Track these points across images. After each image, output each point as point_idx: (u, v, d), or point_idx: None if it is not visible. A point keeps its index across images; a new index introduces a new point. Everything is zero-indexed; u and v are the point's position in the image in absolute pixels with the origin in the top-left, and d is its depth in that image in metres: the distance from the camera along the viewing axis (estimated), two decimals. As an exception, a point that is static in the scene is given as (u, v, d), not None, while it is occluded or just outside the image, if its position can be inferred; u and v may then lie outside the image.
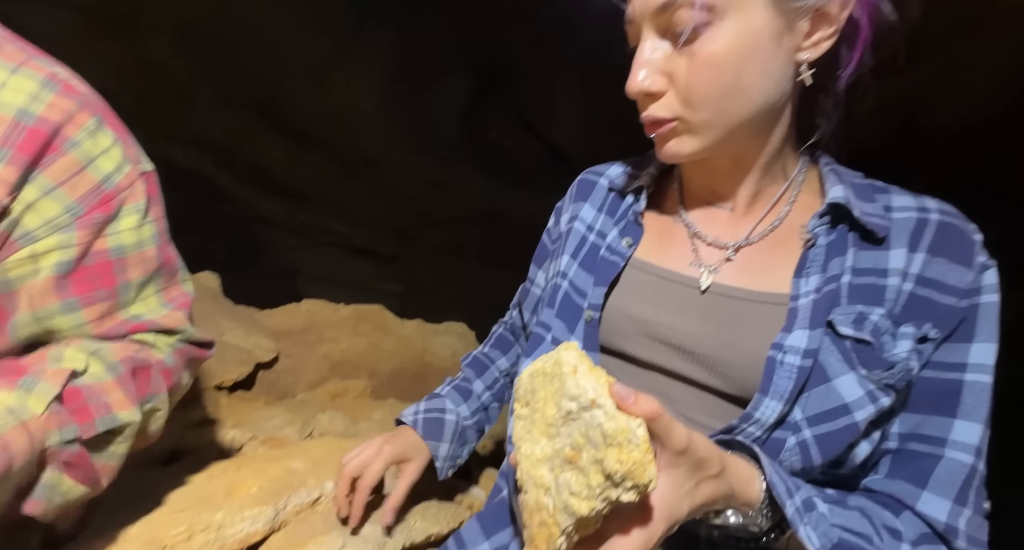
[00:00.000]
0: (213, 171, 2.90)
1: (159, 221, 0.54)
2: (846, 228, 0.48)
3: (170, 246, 0.57)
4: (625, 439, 0.31)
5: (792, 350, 0.44)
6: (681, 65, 0.45)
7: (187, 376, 0.60)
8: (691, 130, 0.47)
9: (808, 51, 0.45)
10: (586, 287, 0.56)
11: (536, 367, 0.38)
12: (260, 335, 1.26)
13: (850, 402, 0.43)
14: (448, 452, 0.70)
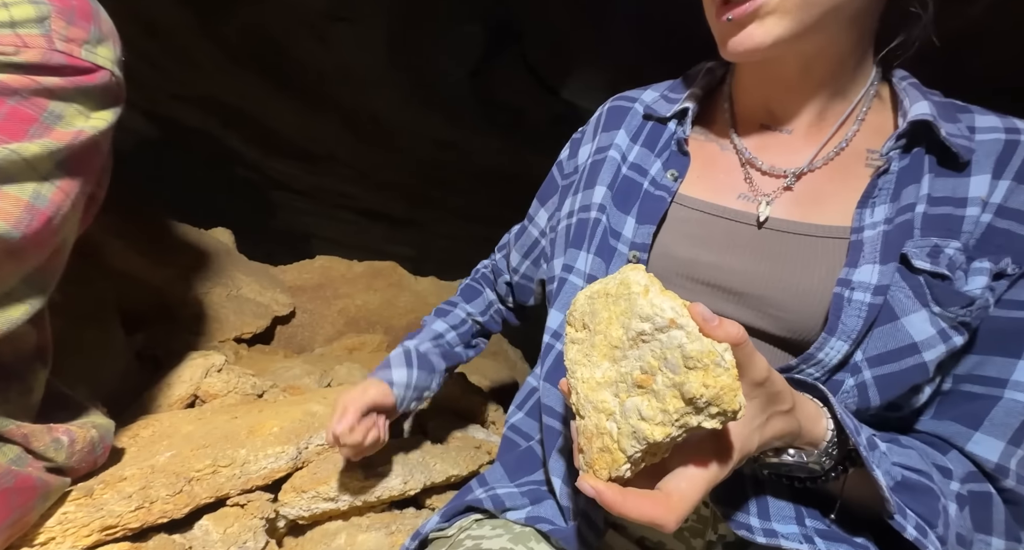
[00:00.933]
0: (221, 132, 2.86)
1: (39, 98, 0.42)
2: (923, 151, 0.43)
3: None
4: (712, 362, 0.29)
5: (861, 286, 0.41)
6: None
7: None
8: (780, 6, 0.40)
9: None
10: (620, 227, 0.51)
11: (596, 289, 0.35)
12: (276, 290, 1.26)
13: (919, 341, 0.39)
14: (404, 378, 0.66)
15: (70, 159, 0.44)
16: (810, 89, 0.46)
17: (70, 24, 0.43)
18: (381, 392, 0.63)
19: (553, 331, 0.54)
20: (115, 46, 0.48)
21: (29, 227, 0.41)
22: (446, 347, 0.72)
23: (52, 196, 0.43)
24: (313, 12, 2.55)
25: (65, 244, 0.49)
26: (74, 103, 0.44)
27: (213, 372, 0.83)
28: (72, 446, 0.51)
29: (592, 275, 0.51)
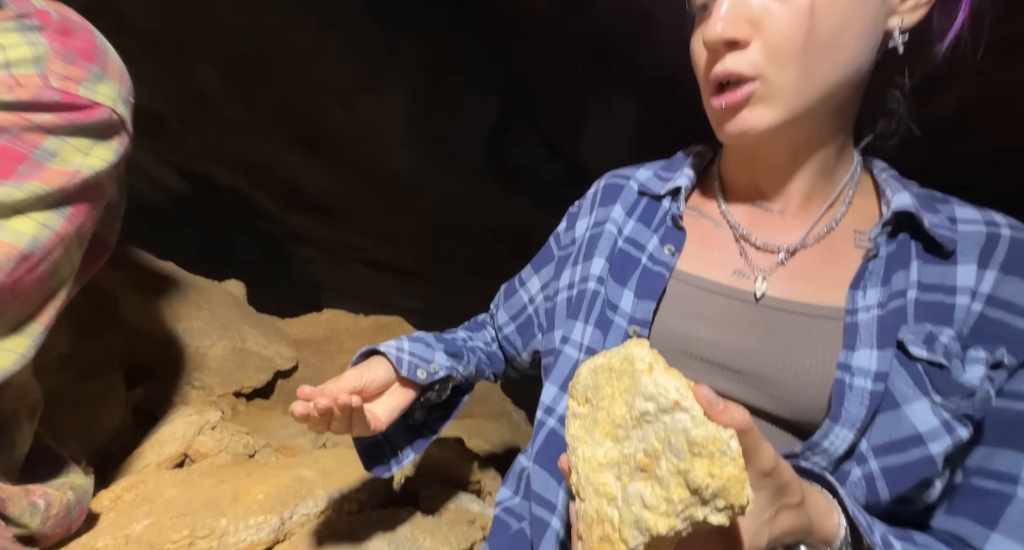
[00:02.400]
0: (248, 189, 3.01)
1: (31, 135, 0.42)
2: (908, 237, 0.44)
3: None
4: (717, 450, 0.27)
5: (861, 372, 0.40)
6: (775, 11, 0.40)
7: None
8: (771, 95, 0.42)
9: (902, 16, 0.41)
10: (617, 300, 0.51)
11: (600, 362, 0.34)
12: (281, 343, 1.27)
13: (924, 432, 0.38)
14: (394, 343, 0.59)
15: (66, 200, 0.43)
16: (797, 172, 0.48)
17: (68, 63, 0.43)
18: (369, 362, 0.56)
19: (546, 406, 0.53)
20: (121, 86, 0.48)
21: (11, 273, 0.40)
22: (443, 336, 0.66)
23: (43, 240, 0.42)
24: (341, 84, 2.77)
25: (62, 289, 0.46)
26: (71, 140, 0.44)
27: (207, 429, 0.81)
28: (48, 510, 0.49)
29: (590, 347, 0.50)
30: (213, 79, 2.40)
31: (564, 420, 0.50)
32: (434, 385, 0.61)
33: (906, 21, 0.42)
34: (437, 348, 0.61)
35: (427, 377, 0.57)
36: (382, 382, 0.55)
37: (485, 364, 0.69)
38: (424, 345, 0.60)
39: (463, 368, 0.64)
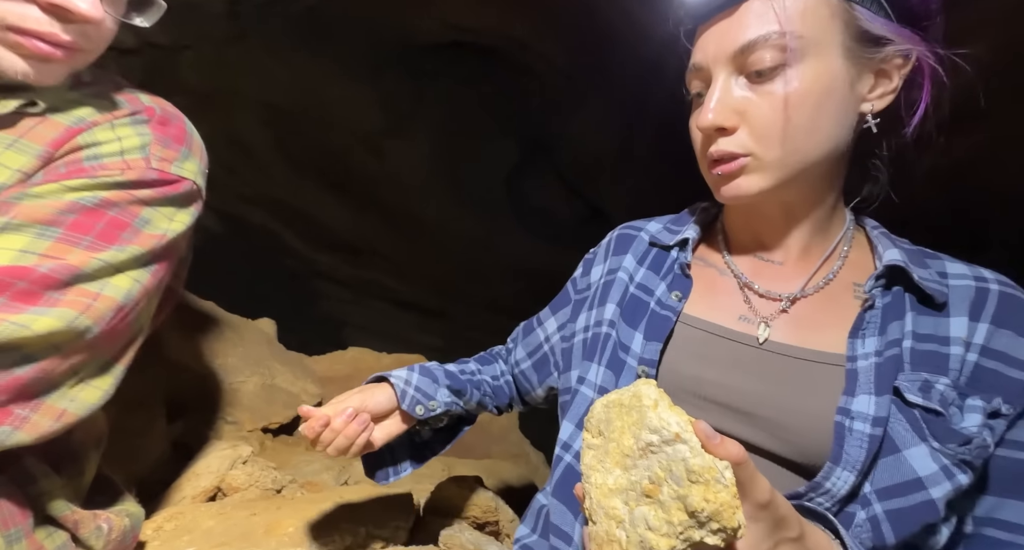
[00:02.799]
0: (280, 229, 3.17)
1: (134, 207, 0.49)
2: (902, 290, 0.47)
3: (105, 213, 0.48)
4: (712, 477, 0.30)
5: (860, 416, 0.42)
6: (756, 103, 0.45)
7: None
8: (761, 168, 0.47)
9: (872, 102, 0.47)
10: (628, 341, 0.54)
11: (612, 398, 0.37)
12: (307, 380, 1.32)
13: (924, 477, 0.40)
14: (403, 375, 0.62)
15: (154, 259, 0.51)
16: (793, 227, 0.52)
17: (165, 147, 0.51)
18: (378, 388, 0.60)
19: (564, 443, 0.56)
20: (201, 161, 0.56)
21: (109, 322, 0.47)
22: (451, 371, 0.69)
23: (135, 292, 0.49)
24: (369, 131, 2.95)
25: (140, 334, 0.53)
26: (161, 209, 0.51)
27: (238, 464, 0.85)
28: (109, 534, 0.53)
29: (603, 387, 0.54)
30: (252, 127, 2.60)
31: (578, 456, 0.53)
32: (430, 418, 0.64)
33: (876, 106, 0.47)
34: (441, 384, 0.64)
35: (424, 413, 0.61)
36: (384, 409, 0.59)
37: (489, 397, 0.72)
38: (430, 380, 0.63)
39: (464, 403, 0.67)
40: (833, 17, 0.44)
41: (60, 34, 0.44)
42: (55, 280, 0.43)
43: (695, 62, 0.49)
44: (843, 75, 0.45)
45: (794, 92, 0.44)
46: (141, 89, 0.56)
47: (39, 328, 0.41)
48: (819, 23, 0.44)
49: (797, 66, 0.44)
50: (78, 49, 0.47)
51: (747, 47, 0.44)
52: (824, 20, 0.44)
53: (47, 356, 0.43)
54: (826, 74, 0.44)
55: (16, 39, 0.43)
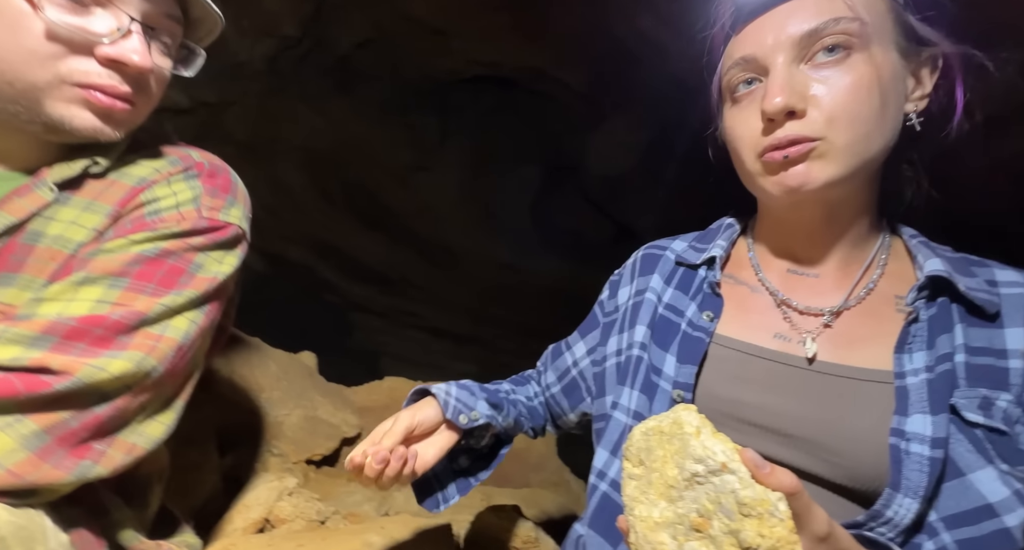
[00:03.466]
0: (316, 264, 3.32)
1: (188, 254, 0.53)
2: (948, 301, 0.45)
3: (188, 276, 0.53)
4: (766, 511, 0.29)
5: (917, 438, 0.40)
6: (826, 85, 0.44)
7: None
8: (831, 153, 0.44)
9: (914, 102, 0.47)
10: (660, 364, 0.53)
11: (651, 425, 0.36)
12: (347, 411, 1.35)
13: (995, 503, 0.38)
14: (443, 388, 0.62)
15: (206, 300, 0.55)
16: (833, 237, 0.50)
17: (213, 197, 0.56)
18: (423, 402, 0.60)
19: (599, 471, 0.55)
20: (245, 206, 0.60)
21: (171, 361, 0.51)
22: (487, 387, 0.68)
23: (192, 332, 0.53)
24: (399, 165, 3.08)
25: (196, 371, 0.57)
26: (211, 253, 0.55)
27: (285, 496, 0.88)
28: None
29: (637, 412, 0.53)
30: (291, 171, 2.77)
31: (615, 484, 0.52)
32: (474, 431, 0.64)
33: (918, 106, 0.47)
34: (479, 397, 0.64)
35: (468, 423, 0.60)
36: (432, 423, 0.59)
37: (525, 417, 0.71)
38: (468, 393, 0.63)
39: (502, 419, 0.66)
40: (888, 11, 0.45)
41: (119, 85, 0.49)
42: (125, 325, 0.48)
43: (744, 55, 0.47)
44: (899, 68, 0.45)
45: (863, 76, 0.43)
46: (192, 145, 0.63)
47: (113, 370, 0.46)
48: (879, 14, 0.44)
49: (863, 52, 0.44)
50: (136, 99, 0.52)
51: (815, 31, 0.44)
52: (882, 13, 0.45)
53: (120, 395, 0.47)
54: (887, 63, 0.44)
55: (82, 94, 0.48)
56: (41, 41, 0.45)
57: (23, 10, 0.44)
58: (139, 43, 0.49)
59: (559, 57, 2.55)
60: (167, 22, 0.52)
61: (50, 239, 0.49)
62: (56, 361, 0.43)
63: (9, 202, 0.49)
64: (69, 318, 0.45)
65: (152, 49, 0.51)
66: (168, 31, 0.53)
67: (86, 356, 0.45)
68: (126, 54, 0.48)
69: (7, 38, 0.45)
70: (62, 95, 0.48)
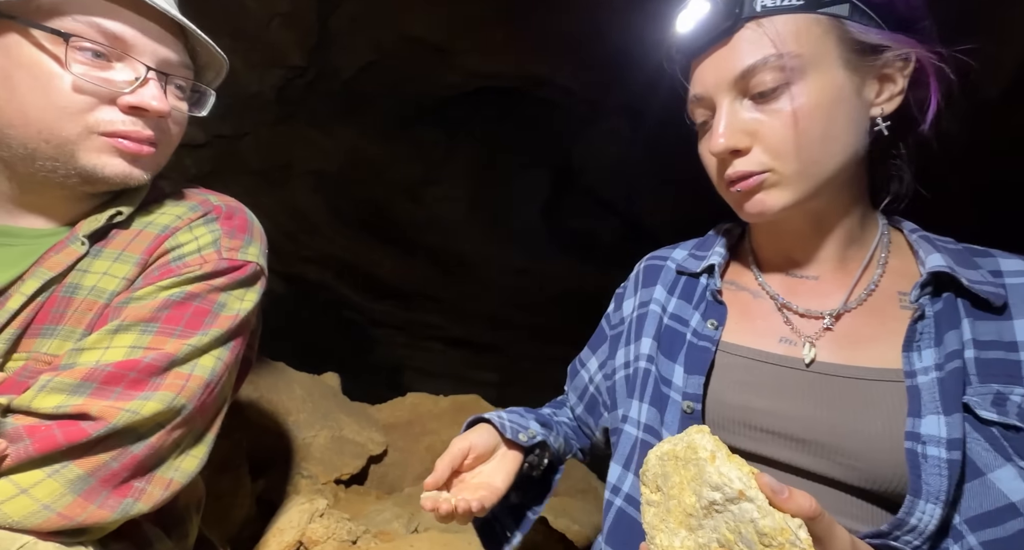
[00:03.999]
0: (334, 283, 3.38)
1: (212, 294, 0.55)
2: (953, 296, 0.44)
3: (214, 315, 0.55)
4: (786, 540, 0.28)
5: (933, 440, 0.39)
6: (766, 122, 0.45)
7: None
8: (782, 182, 0.46)
9: (881, 106, 0.47)
10: (669, 374, 0.53)
11: (665, 449, 0.36)
12: (372, 429, 1.38)
13: (1018, 501, 0.37)
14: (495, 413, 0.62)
15: (230, 337, 0.57)
16: (825, 240, 0.51)
17: (232, 238, 0.58)
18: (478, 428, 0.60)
19: (612, 486, 0.55)
20: (261, 243, 0.63)
21: (199, 398, 0.53)
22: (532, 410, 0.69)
23: (218, 368, 0.55)
24: (409, 181, 3.13)
25: (225, 404, 0.60)
26: (233, 292, 0.58)
27: (316, 517, 0.91)
28: None
29: (648, 425, 0.53)
30: (306, 194, 2.84)
31: (629, 498, 0.53)
32: (534, 449, 0.63)
33: (885, 110, 0.46)
34: (529, 418, 0.65)
35: (528, 440, 0.59)
36: (487, 445, 0.58)
37: (572, 439, 0.71)
38: (519, 415, 0.64)
39: (553, 439, 0.65)
40: (826, 33, 0.45)
41: (142, 130, 0.52)
42: (156, 367, 0.50)
43: (695, 94, 0.50)
44: (847, 85, 0.45)
45: (801, 107, 0.44)
46: (208, 189, 0.66)
47: (147, 411, 0.48)
48: (813, 41, 0.44)
49: (800, 83, 0.44)
50: (159, 142, 0.55)
51: (747, 72, 0.45)
52: (818, 38, 0.45)
53: (154, 434, 0.50)
54: (830, 86, 0.44)
55: (111, 143, 0.51)
56: (70, 96, 0.49)
57: (53, 70, 0.48)
58: (156, 89, 0.52)
59: (558, 63, 2.56)
60: (179, 68, 0.56)
61: (86, 290, 0.52)
62: (95, 407, 0.46)
63: (48, 258, 0.52)
64: (106, 364, 0.48)
65: (168, 94, 0.54)
66: (181, 76, 0.56)
67: (122, 400, 0.48)
68: (145, 100, 0.51)
69: (40, 98, 0.48)
70: (93, 145, 0.51)
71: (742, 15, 0.45)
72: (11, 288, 0.50)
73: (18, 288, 0.50)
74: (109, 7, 0.49)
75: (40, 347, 0.50)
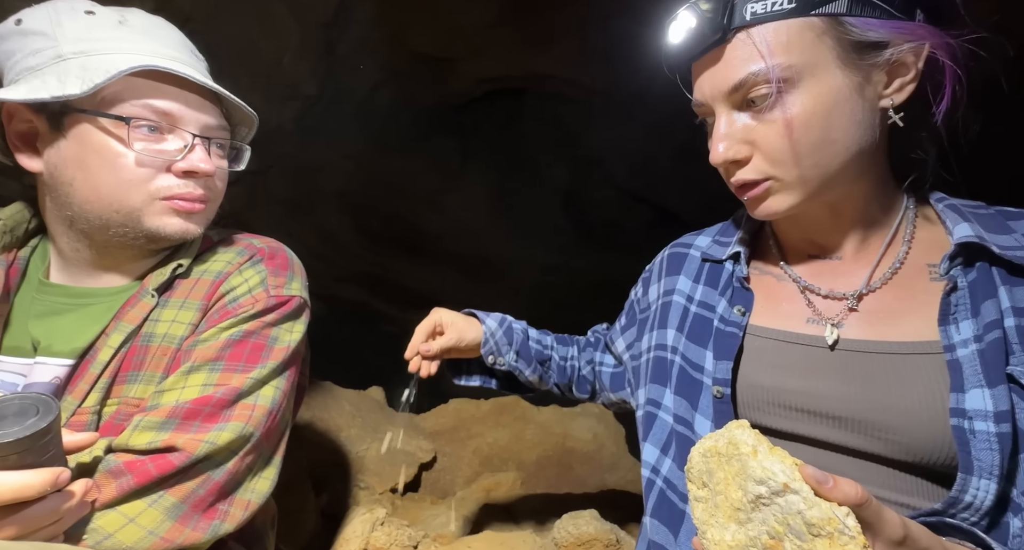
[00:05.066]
0: (369, 299, 3.48)
1: (265, 330, 0.61)
2: (987, 264, 0.44)
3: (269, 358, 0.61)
4: (835, 529, 0.29)
5: (979, 415, 0.39)
6: (763, 131, 0.45)
7: None
8: (785, 187, 0.47)
9: (891, 97, 0.45)
10: (701, 361, 0.54)
11: (707, 446, 0.36)
12: (419, 438, 1.43)
13: None
14: (499, 334, 0.78)
15: (285, 367, 0.63)
16: (843, 223, 0.51)
17: (276, 276, 0.64)
18: (475, 327, 0.78)
19: (652, 466, 0.57)
20: (302, 277, 0.69)
21: (265, 425, 0.59)
22: (525, 340, 0.81)
23: (278, 397, 0.61)
24: (428, 191, 3.19)
25: (287, 428, 0.66)
26: (283, 325, 0.63)
27: (377, 526, 0.96)
28: None
29: (679, 415, 0.55)
30: (333, 216, 2.94)
31: (668, 482, 0.55)
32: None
33: (896, 100, 0.45)
34: (515, 345, 0.78)
35: (494, 364, 0.77)
36: (471, 344, 0.77)
37: (552, 373, 0.82)
38: (507, 341, 0.77)
39: (528, 373, 0.79)
40: (821, 37, 0.43)
41: (193, 190, 0.59)
42: (226, 401, 0.56)
43: (696, 100, 0.51)
44: (847, 86, 0.44)
45: (796, 117, 0.44)
46: (251, 233, 0.72)
47: (222, 441, 0.54)
48: (807, 48, 0.43)
49: (792, 92, 0.44)
50: (208, 199, 0.62)
51: (738, 86, 0.45)
52: (811, 43, 0.43)
53: (230, 460, 0.55)
54: (827, 91, 0.44)
55: (168, 205, 0.58)
56: (135, 170, 0.56)
57: (119, 150, 0.55)
58: (202, 152, 0.59)
59: (565, 58, 2.56)
60: (218, 131, 0.62)
61: (160, 338, 0.59)
62: (179, 440, 0.52)
63: (126, 312, 0.59)
64: (185, 402, 0.54)
65: (212, 155, 0.61)
66: (220, 138, 0.63)
67: (200, 432, 0.53)
68: (195, 164, 0.58)
69: (110, 174, 0.55)
70: (154, 210, 0.58)
71: (731, 26, 0.45)
72: (98, 341, 0.57)
73: (105, 341, 0.57)
74: (157, 87, 0.56)
75: (128, 392, 0.56)
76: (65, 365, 0.56)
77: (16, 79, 0.54)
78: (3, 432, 0.39)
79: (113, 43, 0.54)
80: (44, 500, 0.42)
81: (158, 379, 0.57)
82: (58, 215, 0.58)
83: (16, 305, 0.60)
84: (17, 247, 0.62)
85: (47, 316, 0.58)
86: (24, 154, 0.56)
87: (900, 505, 0.43)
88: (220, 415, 0.55)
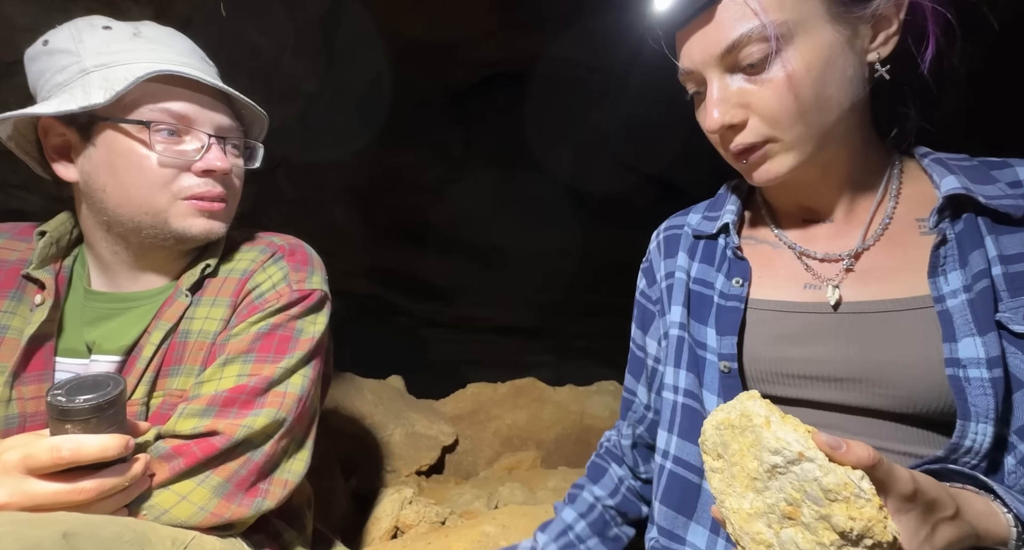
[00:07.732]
0: (382, 291, 3.53)
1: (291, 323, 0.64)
2: (973, 215, 0.44)
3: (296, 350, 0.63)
4: (851, 493, 0.29)
5: (973, 362, 0.40)
6: (759, 92, 0.45)
7: None
8: (786, 148, 0.47)
9: (877, 51, 0.46)
10: (704, 338, 0.55)
11: (720, 419, 0.37)
12: (440, 422, 1.48)
13: None
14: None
15: (312, 356, 0.66)
16: (836, 185, 0.52)
17: (297, 271, 0.67)
18: None
19: (662, 450, 0.58)
20: (321, 271, 0.71)
21: (296, 411, 0.62)
22: (574, 542, 0.66)
23: (306, 385, 0.64)
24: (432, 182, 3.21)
25: (316, 414, 0.69)
26: (307, 317, 0.66)
27: (406, 505, 1.00)
28: None
29: (687, 390, 0.55)
30: (341, 212, 2.98)
31: (676, 460, 0.56)
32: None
33: (882, 53, 0.46)
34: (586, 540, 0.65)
35: None
36: None
37: (613, 523, 0.68)
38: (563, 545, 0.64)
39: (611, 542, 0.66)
40: None
41: (213, 189, 0.62)
42: (259, 389, 0.60)
43: (684, 68, 0.50)
44: (837, 40, 0.44)
45: (794, 73, 0.44)
46: (272, 232, 0.75)
47: (258, 425, 0.58)
48: (797, 3, 0.43)
49: (788, 49, 0.44)
50: (227, 196, 0.65)
51: (732, 46, 0.45)
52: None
53: (267, 443, 0.59)
54: (820, 46, 0.44)
55: (191, 205, 0.61)
56: (158, 171, 0.59)
57: (142, 152, 0.59)
58: (218, 151, 0.62)
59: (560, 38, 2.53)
60: (232, 131, 0.65)
61: (196, 334, 0.62)
62: (220, 424, 0.56)
63: (164, 312, 0.63)
64: (223, 391, 0.58)
65: (227, 153, 0.64)
66: (234, 137, 0.66)
67: (238, 418, 0.57)
68: (212, 163, 0.61)
69: (137, 176, 0.59)
70: (178, 211, 0.61)
71: None
72: (142, 340, 0.62)
73: (147, 339, 0.61)
74: (173, 91, 0.59)
75: (171, 385, 0.61)
76: (115, 361, 0.61)
77: (48, 96, 0.58)
78: (86, 396, 0.45)
79: (130, 54, 0.58)
80: (116, 465, 0.47)
81: (197, 371, 0.61)
82: (95, 221, 0.62)
83: (67, 311, 0.63)
84: (62, 257, 0.66)
85: (98, 321, 0.63)
86: (60, 164, 0.60)
87: (904, 454, 0.45)
88: (255, 402, 0.59)
